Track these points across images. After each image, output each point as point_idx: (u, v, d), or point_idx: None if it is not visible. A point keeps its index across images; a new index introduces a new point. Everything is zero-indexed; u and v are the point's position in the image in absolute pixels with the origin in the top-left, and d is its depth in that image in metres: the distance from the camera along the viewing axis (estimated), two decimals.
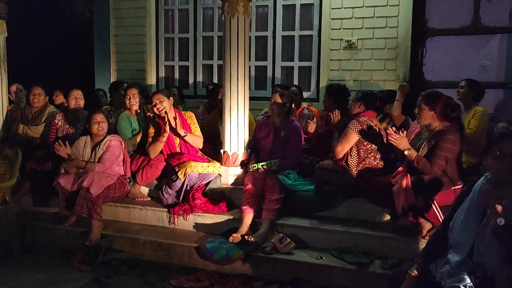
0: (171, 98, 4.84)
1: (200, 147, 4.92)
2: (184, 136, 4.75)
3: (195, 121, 5.00)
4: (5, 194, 4.42)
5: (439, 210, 3.70)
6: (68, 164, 4.46)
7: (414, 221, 3.85)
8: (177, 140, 4.85)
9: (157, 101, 4.71)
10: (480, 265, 2.45)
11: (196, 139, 4.86)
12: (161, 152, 4.81)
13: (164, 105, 4.71)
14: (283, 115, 4.69)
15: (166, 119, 4.61)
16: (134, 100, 5.11)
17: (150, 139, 4.82)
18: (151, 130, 4.84)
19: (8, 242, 4.37)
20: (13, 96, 5.92)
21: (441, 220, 3.66)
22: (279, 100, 4.62)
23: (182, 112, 5.00)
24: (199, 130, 4.97)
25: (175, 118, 4.69)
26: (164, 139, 4.70)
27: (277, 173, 4.40)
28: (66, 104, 5.52)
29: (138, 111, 5.19)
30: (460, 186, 3.79)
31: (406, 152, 3.76)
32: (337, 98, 4.81)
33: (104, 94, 6.43)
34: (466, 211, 2.59)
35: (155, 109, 4.73)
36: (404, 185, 3.68)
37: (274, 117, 4.72)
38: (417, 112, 3.86)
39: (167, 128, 4.62)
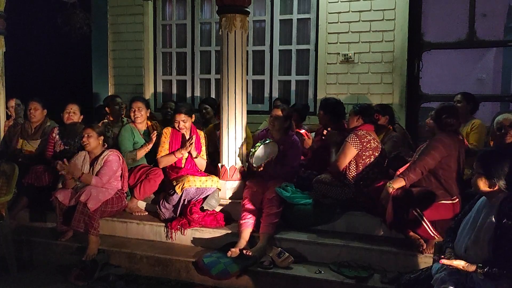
0: (193, 116, 4.89)
1: (203, 170, 4.93)
2: (195, 158, 4.79)
3: (206, 143, 5.03)
4: (1, 210, 4.39)
5: (429, 225, 3.70)
6: (65, 170, 4.39)
7: (409, 235, 3.85)
8: (185, 155, 4.85)
9: (181, 121, 4.77)
10: (469, 274, 2.50)
11: (203, 162, 4.91)
12: None
13: (186, 126, 4.78)
14: (283, 129, 4.70)
15: (192, 142, 4.67)
16: (139, 113, 5.07)
17: (162, 149, 4.82)
18: (164, 140, 4.84)
19: (4, 258, 4.33)
20: (11, 111, 5.91)
21: (432, 234, 3.67)
22: (279, 114, 4.63)
23: (198, 131, 5.01)
24: (206, 153, 5.00)
25: (191, 137, 4.75)
26: (180, 155, 4.76)
27: (276, 187, 4.39)
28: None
29: (149, 124, 5.19)
30: (457, 201, 3.78)
31: (392, 187, 3.78)
32: (333, 114, 4.82)
33: None
34: (466, 219, 2.71)
35: (177, 127, 4.78)
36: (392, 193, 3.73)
37: (274, 131, 4.73)
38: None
39: (189, 148, 4.67)
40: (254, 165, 4.50)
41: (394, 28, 6.11)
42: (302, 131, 5.11)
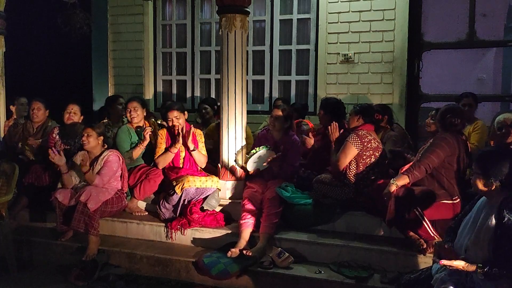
0: (185, 112, 4.89)
1: (203, 166, 4.92)
2: (192, 150, 4.77)
3: (203, 140, 5.01)
4: (1, 210, 4.39)
5: (430, 225, 3.70)
6: (83, 159, 4.44)
7: (409, 235, 3.85)
8: (182, 154, 4.85)
9: (174, 118, 4.76)
10: (469, 275, 2.51)
11: (201, 157, 4.88)
12: None
13: (180, 122, 4.76)
14: (283, 129, 4.69)
15: (181, 133, 4.66)
16: (135, 113, 5.05)
17: (159, 150, 4.82)
18: (160, 141, 4.84)
19: (4, 258, 4.32)
20: (15, 109, 5.90)
21: (432, 235, 3.67)
22: (280, 114, 4.63)
23: (193, 128, 5.00)
24: (205, 149, 4.98)
25: (187, 132, 4.73)
26: (176, 150, 4.74)
27: (276, 187, 4.38)
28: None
29: (143, 125, 5.16)
30: (458, 201, 3.78)
31: (396, 184, 3.77)
32: (333, 114, 4.82)
33: None
34: (466, 220, 2.71)
35: (170, 125, 4.77)
36: (395, 191, 3.72)
37: (274, 131, 4.73)
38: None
39: (181, 140, 4.66)
40: (249, 170, 4.57)
41: (394, 28, 6.11)
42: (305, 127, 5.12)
